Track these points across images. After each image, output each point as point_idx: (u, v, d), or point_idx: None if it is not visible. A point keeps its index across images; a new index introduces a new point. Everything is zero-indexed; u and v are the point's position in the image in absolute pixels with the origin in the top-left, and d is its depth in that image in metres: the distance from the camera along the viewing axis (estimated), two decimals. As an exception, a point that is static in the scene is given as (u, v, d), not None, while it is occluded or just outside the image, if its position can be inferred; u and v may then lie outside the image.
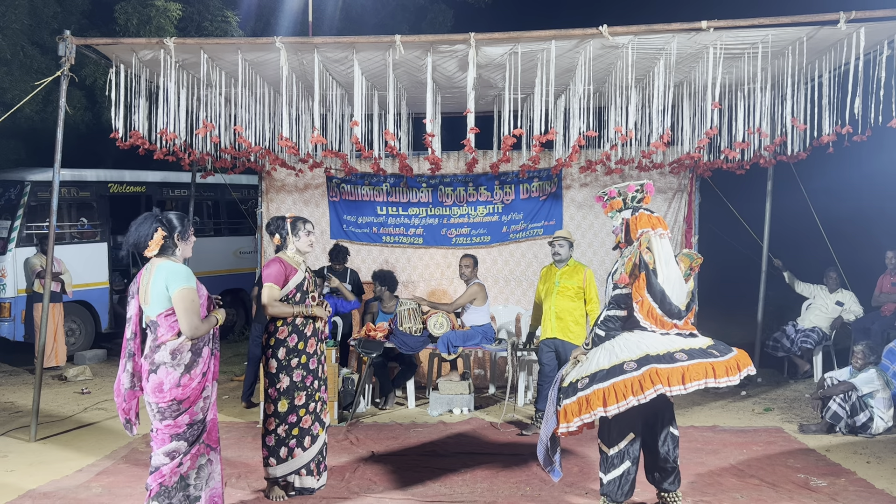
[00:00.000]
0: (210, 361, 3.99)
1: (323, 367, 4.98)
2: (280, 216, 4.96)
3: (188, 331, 3.78)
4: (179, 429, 3.86)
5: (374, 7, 16.12)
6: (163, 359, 3.82)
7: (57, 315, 9.02)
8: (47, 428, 6.54)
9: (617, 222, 4.44)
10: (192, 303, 3.80)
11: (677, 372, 4.00)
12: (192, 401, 3.88)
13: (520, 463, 5.54)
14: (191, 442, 3.89)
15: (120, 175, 10.80)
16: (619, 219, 4.43)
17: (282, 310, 4.73)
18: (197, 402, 3.90)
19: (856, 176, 12.35)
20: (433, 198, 8.78)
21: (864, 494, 4.93)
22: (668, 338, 4.18)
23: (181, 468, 3.87)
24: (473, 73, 6.10)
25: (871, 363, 6.52)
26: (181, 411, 3.86)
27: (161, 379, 3.81)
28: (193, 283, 3.85)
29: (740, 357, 4.16)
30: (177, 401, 3.83)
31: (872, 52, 6.18)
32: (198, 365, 3.88)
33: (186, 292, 3.79)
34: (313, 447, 4.85)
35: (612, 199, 4.46)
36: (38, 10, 11.23)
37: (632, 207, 4.41)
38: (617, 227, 4.45)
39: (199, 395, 3.91)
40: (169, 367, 3.81)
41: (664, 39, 6.15)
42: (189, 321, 3.78)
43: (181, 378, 3.82)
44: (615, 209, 4.46)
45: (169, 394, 3.81)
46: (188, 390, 3.85)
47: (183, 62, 6.63)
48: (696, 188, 8.57)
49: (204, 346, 3.95)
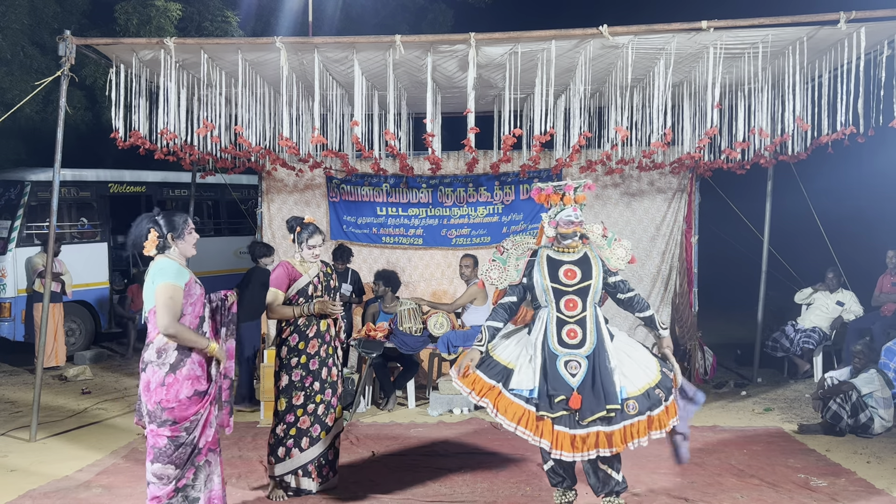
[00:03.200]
0: (205, 377, 3.89)
1: (331, 371, 4.90)
2: (298, 217, 4.93)
3: (161, 326, 3.74)
4: (161, 440, 3.79)
5: (374, 7, 16.12)
6: (150, 357, 3.81)
7: (57, 315, 9.02)
8: (47, 428, 6.54)
9: (579, 216, 4.34)
10: (169, 299, 3.74)
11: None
12: (176, 413, 3.78)
13: (520, 463, 5.54)
14: (178, 465, 3.82)
15: (120, 175, 10.80)
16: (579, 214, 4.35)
17: (282, 312, 4.76)
18: (183, 420, 3.79)
19: (856, 176, 12.35)
20: (433, 198, 8.78)
21: (864, 494, 4.93)
22: None
23: (177, 494, 3.84)
24: (473, 73, 6.10)
25: (871, 363, 6.53)
26: (164, 421, 3.79)
27: (148, 378, 3.80)
28: (176, 280, 3.79)
29: None
30: (161, 406, 3.77)
31: (873, 51, 6.18)
32: (184, 366, 3.79)
33: (165, 287, 3.76)
34: (312, 449, 4.81)
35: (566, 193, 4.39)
36: (38, 10, 11.23)
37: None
38: (583, 221, 4.37)
39: (187, 410, 3.79)
40: (155, 366, 3.79)
41: (664, 39, 6.15)
42: (163, 316, 3.72)
43: (165, 377, 3.77)
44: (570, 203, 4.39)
45: (154, 394, 3.77)
46: (172, 394, 3.76)
47: (183, 62, 6.63)
48: (696, 188, 8.58)
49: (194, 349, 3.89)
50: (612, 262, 4.38)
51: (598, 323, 4.24)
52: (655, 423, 4.12)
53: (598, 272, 4.32)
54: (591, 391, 4.04)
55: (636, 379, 4.16)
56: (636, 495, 4.88)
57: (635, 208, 8.70)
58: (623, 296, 4.40)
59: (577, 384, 4.06)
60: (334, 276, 5.08)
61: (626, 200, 8.71)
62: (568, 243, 4.33)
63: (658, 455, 5.76)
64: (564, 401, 4.03)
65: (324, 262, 5.04)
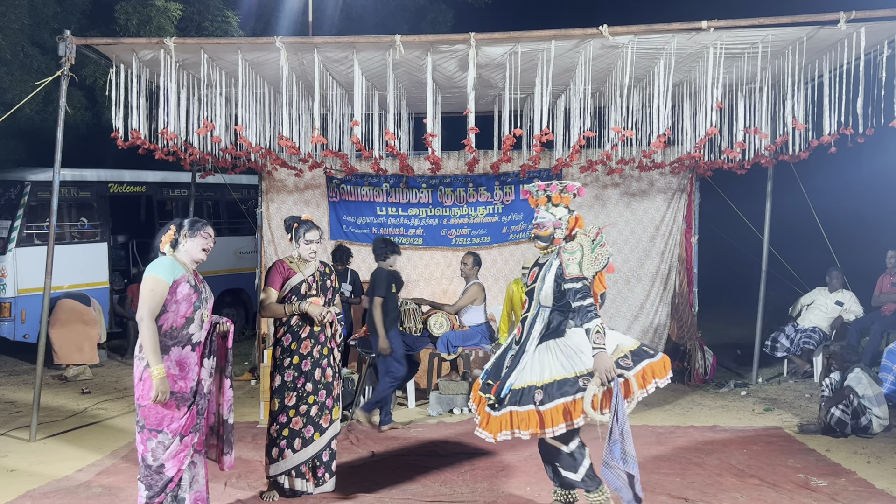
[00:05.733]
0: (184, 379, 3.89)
1: (325, 372, 4.89)
2: (294, 217, 4.94)
3: (137, 316, 3.85)
4: (138, 449, 3.87)
5: (374, 7, 16.12)
6: (136, 351, 3.92)
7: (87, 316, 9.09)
8: (47, 428, 6.54)
9: (554, 217, 4.31)
10: (150, 291, 3.82)
11: (649, 369, 4.16)
12: (146, 413, 3.81)
13: (520, 463, 5.54)
14: (148, 487, 3.85)
15: (120, 175, 10.78)
16: (559, 213, 4.32)
17: (274, 310, 4.78)
18: (153, 425, 3.80)
19: (856, 176, 12.34)
20: (433, 198, 8.78)
21: (864, 494, 4.93)
22: (617, 332, 4.42)
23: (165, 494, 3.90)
24: (473, 73, 6.10)
25: (852, 363, 6.50)
26: (138, 423, 3.85)
27: (135, 372, 3.91)
28: (163, 275, 3.85)
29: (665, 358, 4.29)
30: (138, 403, 3.85)
31: (873, 51, 6.18)
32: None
33: (148, 279, 3.86)
34: (305, 450, 4.79)
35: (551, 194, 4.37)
36: (38, 10, 11.22)
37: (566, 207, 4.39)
38: (557, 222, 4.30)
39: (158, 414, 3.80)
40: (137, 360, 3.91)
41: (664, 39, 6.15)
42: (140, 306, 3.82)
43: (143, 372, 3.84)
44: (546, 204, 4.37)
45: (136, 389, 3.87)
46: (146, 390, 3.79)
47: (183, 62, 6.63)
48: (696, 188, 8.58)
49: (174, 345, 3.88)
50: (570, 269, 4.20)
51: (535, 323, 4.30)
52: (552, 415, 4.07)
53: (552, 276, 4.28)
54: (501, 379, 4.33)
55: (548, 371, 4.17)
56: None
57: (635, 208, 8.70)
58: (573, 304, 4.19)
59: (503, 375, 4.32)
60: (334, 276, 5.06)
61: (626, 200, 8.71)
62: (538, 244, 4.39)
63: (658, 455, 5.77)
64: (490, 387, 4.34)
65: (323, 263, 5.04)
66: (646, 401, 7.60)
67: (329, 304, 4.93)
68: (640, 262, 8.63)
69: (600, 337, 4.03)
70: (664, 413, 7.17)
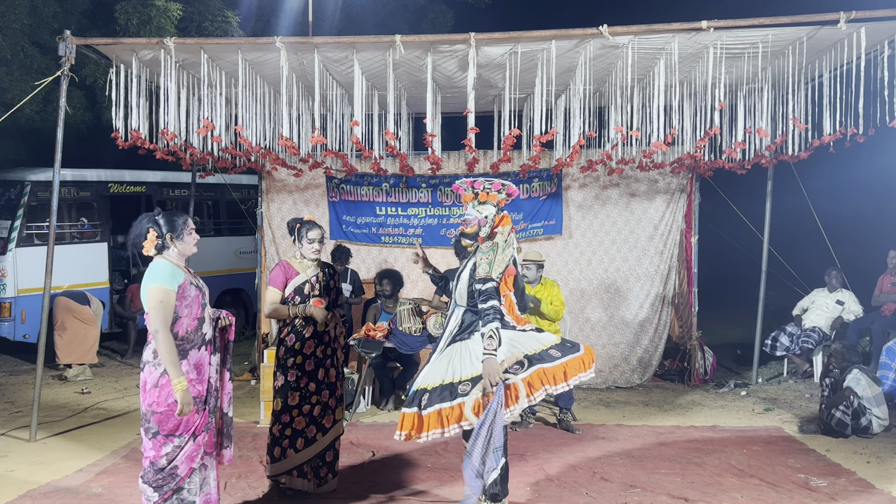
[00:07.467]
0: (200, 382, 3.87)
1: (328, 373, 4.90)
2: (297, 218, 4.95)
3: (151, 330, 3.74)
4: (147, 455, 3.83)
5: (374, 7, 16.12)
6: (147, 357, 3.83)
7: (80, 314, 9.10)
8: (47, 428, 6.54)
9: (480, 215, 4.25)
10: (159, 303, 3.71)
11: (560, 369, 4.06)
12: (162, 419, 3.76)
13: (520, 462, 5.54)
14: (155, 489, 3.82)
15: (120, 175, 10.79)
16: (486, 211, 4.25)
17: (277, 312, 4.80)
18: (168, 431, 3.77)
19: (856, 176, 12.35)
20: (433, 198, 8.78)
21: (864, 494, 4.93)
22: (530, 334, 4.22)
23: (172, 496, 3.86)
24: (473, 73, 6.10)
25: (851, 364, 6.50)
26: (150, 430, 3.79)
27: (145, 377, 3.81)
28: (167, 283, 3.76)
29: (588, 352, 4.21)
30: (151, 409, 3.77)
31: (873, 51, 6.18)
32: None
33: (154, 291, 3.74)
34: (307, 450, 4.80)
35: (477, 191, 4.29)
36: (38, 9, 11.22)
37: (495, 205, 4.30)
38: (483, 220, 4.24)
39: (177, 423, 3.77)
40: (151, 366, 3.81)
41: (664, 39, 6.15)
42: (152, 320, 3.72)
43: (160, 378, 3.77)
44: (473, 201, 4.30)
45: (149, 395, 3.78)
46: (164, 396, 3.75)
47: (183, 62, 6.63)
48: (696, 188, 8.58)
49: (191, 348, 3.86)
50: (480, 268, 4.15)
51: (450, 323, 4.31)
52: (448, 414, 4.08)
53: (466, 275, 4.27)
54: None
55: (440, 374, 4.17)
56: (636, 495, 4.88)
57: (635, 208, 8.69)
58: (478, 304, 4.10)
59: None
60: (337, 277, 5.07)
61: (626, 200, 8.70)
62: (464, 241, 4.38)
63: (658, 455, 5.77)
64: None
65: (325, 264, 5.04)
66: (646, 400, 7.67)
67: (333, 305, 4.94)
68: (639, 261, 8.62)
69: (492, 342, 3.96)
70: (664, 413, 7.17)
